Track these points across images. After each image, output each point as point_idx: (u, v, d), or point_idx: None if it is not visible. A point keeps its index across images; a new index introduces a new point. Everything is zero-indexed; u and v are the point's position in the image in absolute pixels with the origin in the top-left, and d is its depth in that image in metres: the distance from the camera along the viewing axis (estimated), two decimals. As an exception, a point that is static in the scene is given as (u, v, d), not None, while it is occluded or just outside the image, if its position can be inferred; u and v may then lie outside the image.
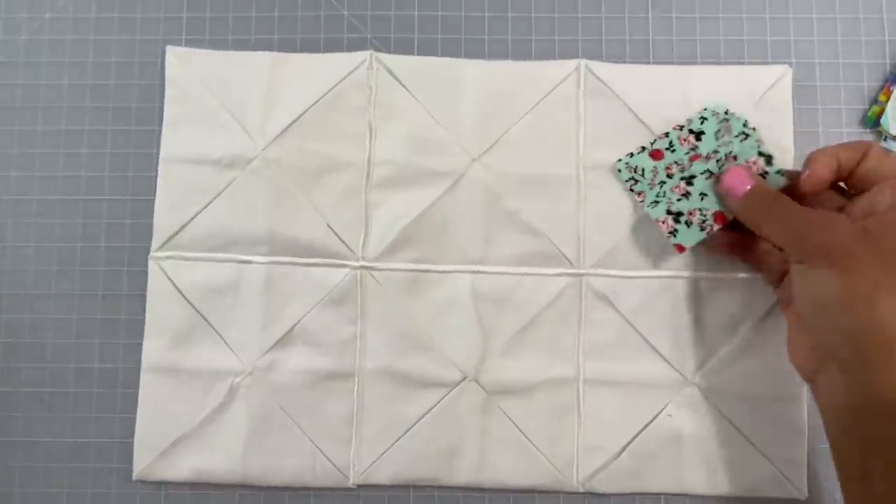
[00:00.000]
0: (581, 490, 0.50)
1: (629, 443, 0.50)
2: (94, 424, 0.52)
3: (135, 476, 0.50)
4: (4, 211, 0.53)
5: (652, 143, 0.50)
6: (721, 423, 0.49)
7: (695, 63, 0.53)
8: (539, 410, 0.50)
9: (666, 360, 0.50)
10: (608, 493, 0.50)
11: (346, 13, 0.54)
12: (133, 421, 0.51)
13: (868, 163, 0.42)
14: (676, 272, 0.50)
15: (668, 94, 0.52)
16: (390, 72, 0.52)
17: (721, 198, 0.47)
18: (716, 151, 0.48)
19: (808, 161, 0.44)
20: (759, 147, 0.47)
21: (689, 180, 0.48)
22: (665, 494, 0.50)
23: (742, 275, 0.50)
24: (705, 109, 0.50)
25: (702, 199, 0.48)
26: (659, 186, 0.49)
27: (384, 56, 0.52)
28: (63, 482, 0.51)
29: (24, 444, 0.52)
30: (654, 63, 0.53)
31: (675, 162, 0.49)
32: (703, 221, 0.48)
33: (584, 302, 0.51)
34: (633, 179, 0.50)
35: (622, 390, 0.50)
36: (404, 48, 0.54)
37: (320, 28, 0.54)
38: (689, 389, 0.50)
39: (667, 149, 0.50)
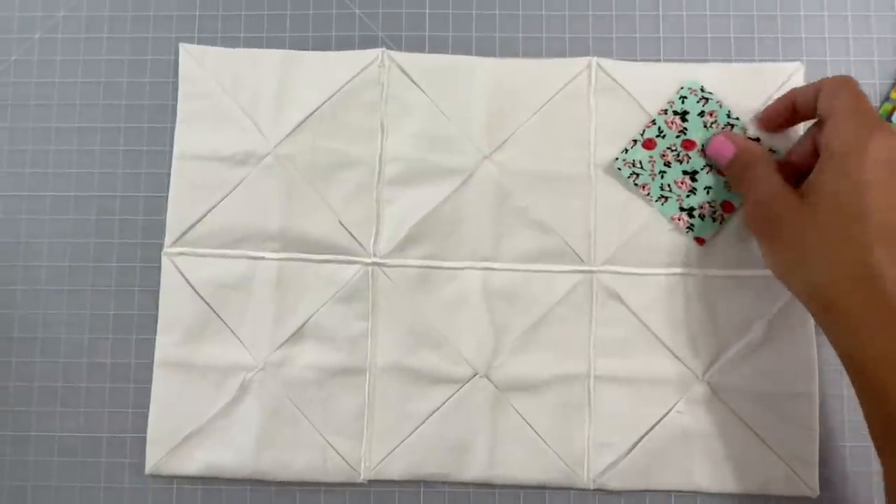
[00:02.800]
0: (591, 487, 0.50)
1: (639, 440, 0.50)
2: (107, 419, 0.52)
3: (147, 470, 0.51)
4: (18, 207, 0.53)
5: (642, 134, 0.51)
6: (731, 421, 0.49)
7: (705, 61, 0.53)
8: (549, 407, 0.50)
9: (677, 358, 0.50)
10: (618, 490, 0.50)
11: (357, 11, 0.54)
12: (145, 416, 0.51)
13: (820, 101, 0.44)
14: (687, 269, 0.50)
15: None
16: (402, 69, 0.52)
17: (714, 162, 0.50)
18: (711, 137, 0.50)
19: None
20: (746, 133, 0.50)
21: (693, 176, 0.50)
22: (675, 492, 0.50)
23: (754, 272, 0.50)
24: (682, 88, 0.51)
25: (708, 192, 0.50)
26: (660, 176, 0.50)
27: (396, 54, 0.53)
28: (76, 476, 0.52)
29: (38, 438, 0.52)
30: (664, 61, 0.53)
31: (669, 147, 0.50)
32: (714, 213, 0.50)
33: (594, 299, 0.51)
34: (634, 174, 0.51)
35: (632, 387, 0.50)
36: (416, 46, 0.54)
37: (332, 26, 0.54)
38: (699, 387, 0.50)
39: (657, 136, 0.51)
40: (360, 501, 0.51)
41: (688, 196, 0.50)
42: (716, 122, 0.50)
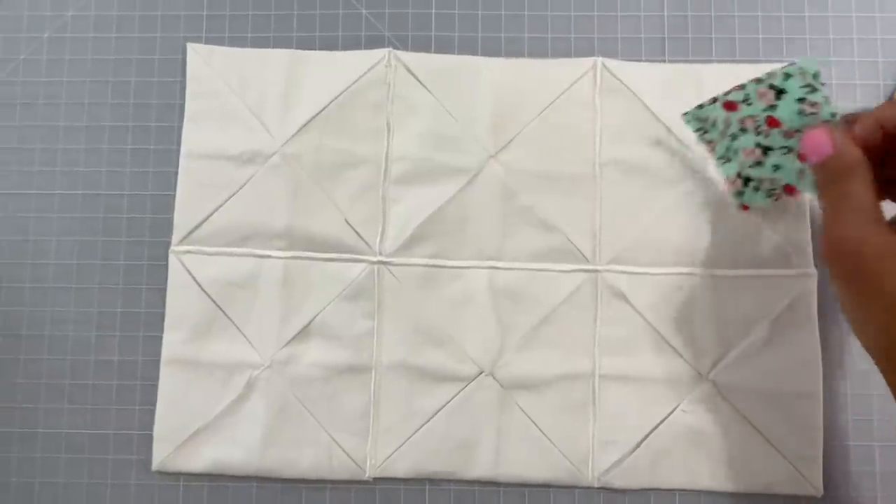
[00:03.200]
0: (596, 485, 0.50)
1: (644, 438, 0.50)
2: (114, 416, 0.52)
3: (154, 467, 0.51)
4: (27, 205, 0.54)
5: (725, 94, 0.46)
6: (736, 420, 0.50)
7: (710, 61, 0.53)
8: (554, 406, 0.50)
9: (681, 357, 0.50)
10: (623, 489, 0.50)
11: (364, 11, 0.55)
12: (152, 413, 0.51)
13: None
14: (692, 269, 0.51)
15: (684, 91, 0.52)
16: (408, 69, 0.53)
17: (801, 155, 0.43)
18: (798, 131, 0.43)
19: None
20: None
21: (766, 151, 0.45)
22: (680, 491, 0.50)
23: (759, 272, 0.50)
24: (792, 65, 0.44)
25: (774, 170, 0.45)
26: (731, 139, 0.46)
27: (402, 54, 0.53)
28: (83, 473, 0.52)
29: (45, 435, 0.52)
30: (669, 61, 0.53)
31: (751, 116, 0.45)
32: (772, 190, 0.47)
33: (599, 298, 0.51)
34: (702, 129, 0.48)
35: (637, 386, 0.50)
36: (421, 46, 0.54)
37: (338, 26, 0.54)
38: (704, 386, 0.50)
39: (742, 101, 0.45)
40: (365, 499, 0.51)
41: (751, 166, 0.46)
42: (816, 114, 0.42)
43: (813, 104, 0.43)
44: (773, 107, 0.44)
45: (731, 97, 0.46)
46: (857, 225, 0.36)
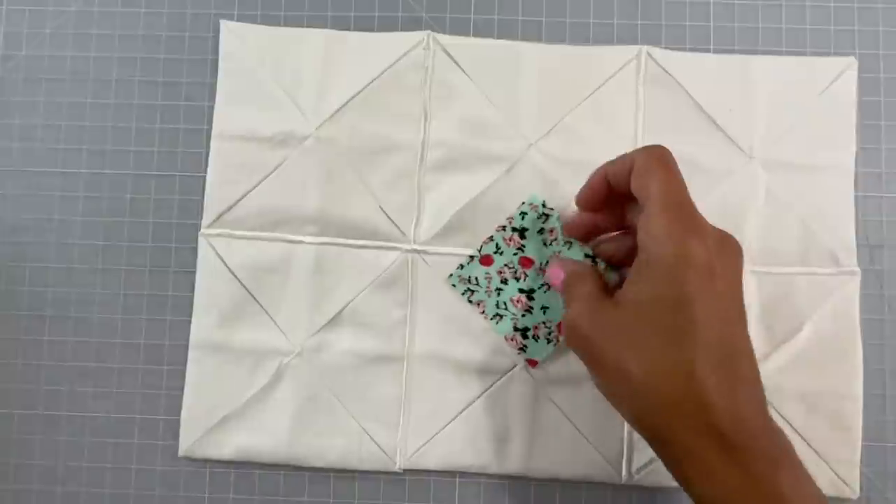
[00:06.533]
0: (629, 483, 0.49)
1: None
2: (140, 400, 0.51)
3: (180, 453, 0.50)
4: (52, 184, 0.52)
5: (479, 250, 0.49)
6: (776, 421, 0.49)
7: (756, 51, 0.52)
8: (589, 401, 0.49)
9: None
10: (657, 487, 0.49)
11: (401, -9, 0.53)
12: (178, 398, 0.51)
13: (633, 183, 0.39)
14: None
15: (730, 83, 0.51)
16: (447, 53, 0.51)
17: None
18: (548, 263, 0.47)
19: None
20: (583, 251, 0.47)
21: (530, 295, 0.49)
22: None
23: (804, 269, 0.50)
24: (523, 204, 0.49)
25: (544, 312, 0.49)
26: (496, 294, 0.49)
27: (441, 36, 0.52)
28: (107, 457, 0.51)
29: (69, 418, 0.51)
30: (714, 50, 0.52)
31: (506, 265, 0.49)
32: (549, 333, 0.49)
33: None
34: (469, 290, 0.50)
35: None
36: (460, 28, 0.53)
37: (375, 6, 0.53)
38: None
39: (495, 252, 0.49)
40: (394, 490, 0.50)
41: (523, 315, 0.49)
42: (556, 239, 0.48)
43: (551, 231, 0.48)
44: (521, 248, 0.49)
45: (484, 251, 0.49)
46: (577, 309, 0.40)
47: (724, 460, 0.34)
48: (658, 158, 0.39)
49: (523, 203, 0.49)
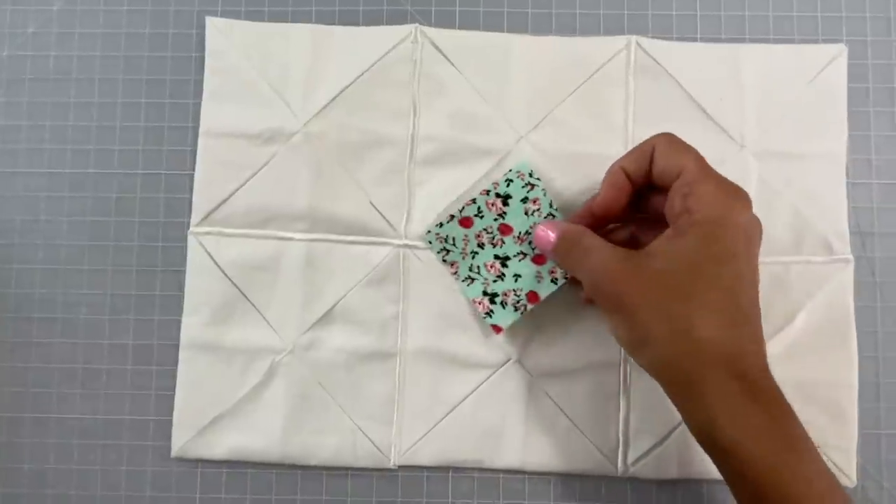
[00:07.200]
0: (625, 475, 0.49)
1: (674, 429, 0.49)
2: (129, 401, 0.51)
3: (173, 453, 0.50)
4: (37, 184, 0.52)
5: (461, 211, 0.49)
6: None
7: (743, 39, 0.52)
8: (584, 394, 0.49)
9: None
10: (652, 479, 0.49)
11: (386, -16, 0.53)
12: (169, 398, 0.50)
13: (656, 166, 0.41)
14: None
15: (719, 72, 0.51)
16: (435, 46, 0.51)
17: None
18: (528, 233, 0.48)
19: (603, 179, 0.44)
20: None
21: (504, 262, 0.49)
22: (708, 480, 0.49)
23: (797, 258, 0.49)
24: (510, 171, 0.49)
25: (516, 280, 0.48)
26: (471, 257, 0.49)
27: (429, 29, 0.51)
28: (97, 459, 0.51)
29: (58, 420, 0.51)
30: (701, 39, 0.52)
31: (485, 229, 0.49)
32: (518, 301, 0.48)
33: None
34: (444, 250, 0.49)
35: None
36: (445, 21, 0.52)
37: (359, 0, 0.53)
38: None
39: (475, 215, 0.49)
40: (388, 486, 0.50)
41: (494, 281, 0.49)
42: (538, 210, 0.48)
43: (535, 200, 0.48)
44: (503, 214, 0.49)
45: (465, 213, 0.49)
46: (601, 261, 0.41)
47: (750, 403, 0.37)
48: (679, 140, 0.42)
49: (510, 170, 0.49)
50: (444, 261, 0.50)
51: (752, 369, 0.38)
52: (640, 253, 0.40)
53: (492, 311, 0.49)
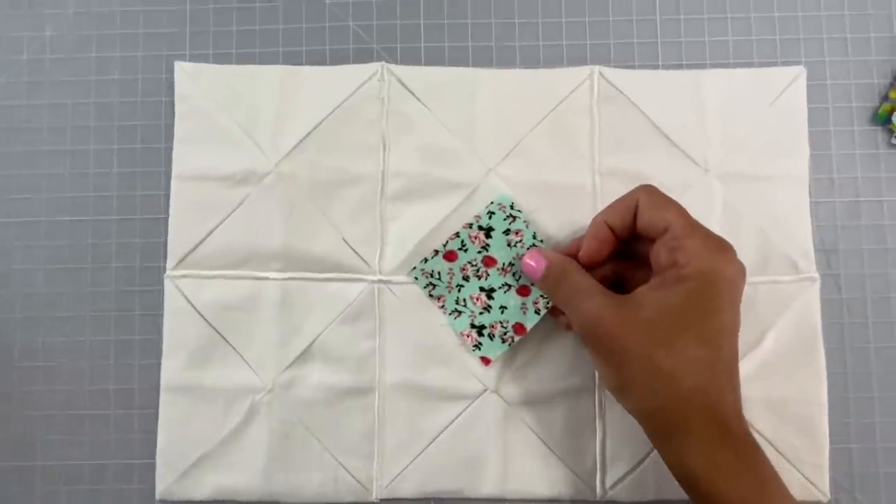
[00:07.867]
0: (604, 499, 0.50)
1: (651, 451, 0.49)
2: (113, 446, 0.51)
3: (158, 496, 0.50)
4: (13, 234, 0.52)
5: (444, 245, 0.50)
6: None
7: (704, 64, 0.53)
8: (560, 420, 0.50)
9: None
10: (631, 502, 0.50)
11: (351, 24, 0.53)
12: (152, 441, 0.51)
13: (640, 220, 0.43)
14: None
15: (681, 98, 0.52)
16: (402, 83, 0.52)
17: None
18: (511, 264, 0.49)
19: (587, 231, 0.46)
20: None
21: (490, 294, 0.49)
22: (686, 501, 0.50)
23: (763, 278, 0.50)
24: (491, 203, 0.50)
25: (502, 311, 0.49)
26: (457, 290, 0.50)
27: (395, 67, 0.52)
28: (83, 505, 0.51)
29: (43, 468, 0.51)
30: (663, 66, 0.53)
31: (469, 262, 0.50)
32: (505, 333, 0.49)
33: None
34: (430, 284, 0.50)
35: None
36: (411, 57, 0.53)
37: (326, 39, 0.53)
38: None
39: (459, 248, 0.50)
40: (371, 519, 0.51)
41: (481, 313, 0.49)
42: (521, 241, 0.49)
43: (517, 232, 0.49)
44: (486, 246, 0.50)
45: (449, 247, 0.50)
46: (592, 308, 0.42)
47: (725, 446, 0.40)
48: (660, 193, 0.44)
49: (492, 202, 0.50)
50: (431, 295, 0.50)
51: (731, 416, 0.40)
52: (628, 300, 0.42)
53: (480, 343, 0.49)
